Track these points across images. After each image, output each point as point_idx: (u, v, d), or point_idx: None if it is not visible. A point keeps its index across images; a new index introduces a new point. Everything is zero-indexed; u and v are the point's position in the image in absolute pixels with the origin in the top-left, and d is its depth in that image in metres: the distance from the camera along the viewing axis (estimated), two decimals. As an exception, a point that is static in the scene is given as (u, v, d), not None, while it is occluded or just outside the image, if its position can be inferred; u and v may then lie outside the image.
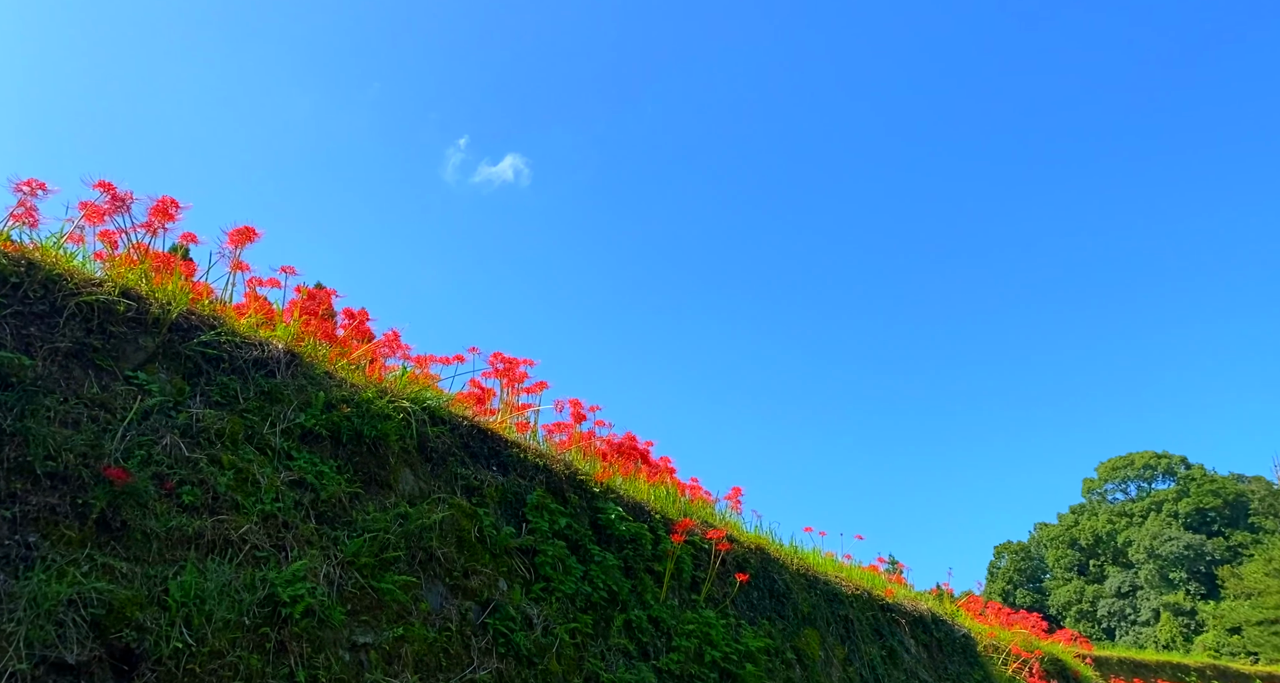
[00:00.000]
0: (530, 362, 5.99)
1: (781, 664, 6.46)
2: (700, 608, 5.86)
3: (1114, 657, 28.89)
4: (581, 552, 4.94)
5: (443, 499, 4.05)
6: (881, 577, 10.25)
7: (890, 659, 8.29)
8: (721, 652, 5.67)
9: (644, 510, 5.96)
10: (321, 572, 3.07)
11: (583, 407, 6.66)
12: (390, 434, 3.94)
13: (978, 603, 14.24)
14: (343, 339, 4.94)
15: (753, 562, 6.88)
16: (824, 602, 7.80)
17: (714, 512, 7.79)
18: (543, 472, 5.12)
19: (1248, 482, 70.88)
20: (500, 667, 3.57)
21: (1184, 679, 27.36)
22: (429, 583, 3.57)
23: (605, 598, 4.84)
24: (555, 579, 4.49)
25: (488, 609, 3.79)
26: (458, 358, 5.59)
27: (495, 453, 4.86)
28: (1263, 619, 54.18)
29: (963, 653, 9.84)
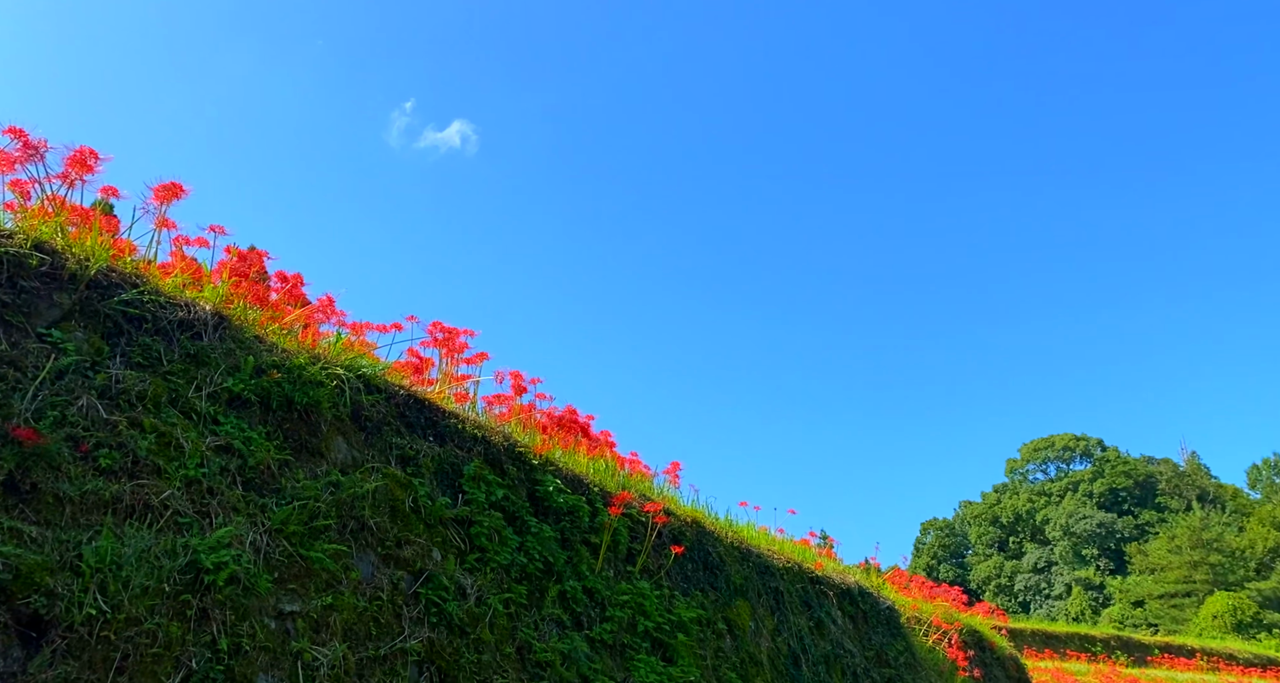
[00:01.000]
0: (471, 332, 5.91)
1: (713, 634, 6.59)
2: (635, 579, 5.92)
3: (1028, 629, 30.36)
4: (518, 523, 4.94)
5: (376, 469, 3.98)
6: (812, 551, 10.51)
7: (817, 630, 8.53)
8: (654, 622, 5.75)
9: (583, 483, 5.97)
10: (248, 539, 2.99)
11: (524, 379, 6.61)
12: (323, 402, 3.85)
13: (903, 577, 14.75)
14: (275, 303, 4.78)
15: (688, 535, 6.97)
16: (756, 574, 7.96)
17: (652, 486, 7.85)
18: (481, 443, 5.08)
19: (1157, 464, 74.82)
20: (432, 636, 3.55)
21: (1090, 650, 28.92)
22: (360, 552, 3.52)
23: (541, 569, 4.85)
24: (490, 550, 4.47)
25: (420, 579, 3.76)
26: (395, 326, 5.48)
27: (432, 423, 4.79)
28: (1163, 593, 57.55)
29: (887, 625, 10.18)
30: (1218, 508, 67.70)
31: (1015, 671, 14.15)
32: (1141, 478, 72.53)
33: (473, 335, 5.90)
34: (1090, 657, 27.49)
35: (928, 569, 71.66)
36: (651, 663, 5.40)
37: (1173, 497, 70.92)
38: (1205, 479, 73.37)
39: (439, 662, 3.53)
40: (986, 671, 12.72)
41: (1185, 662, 28.96)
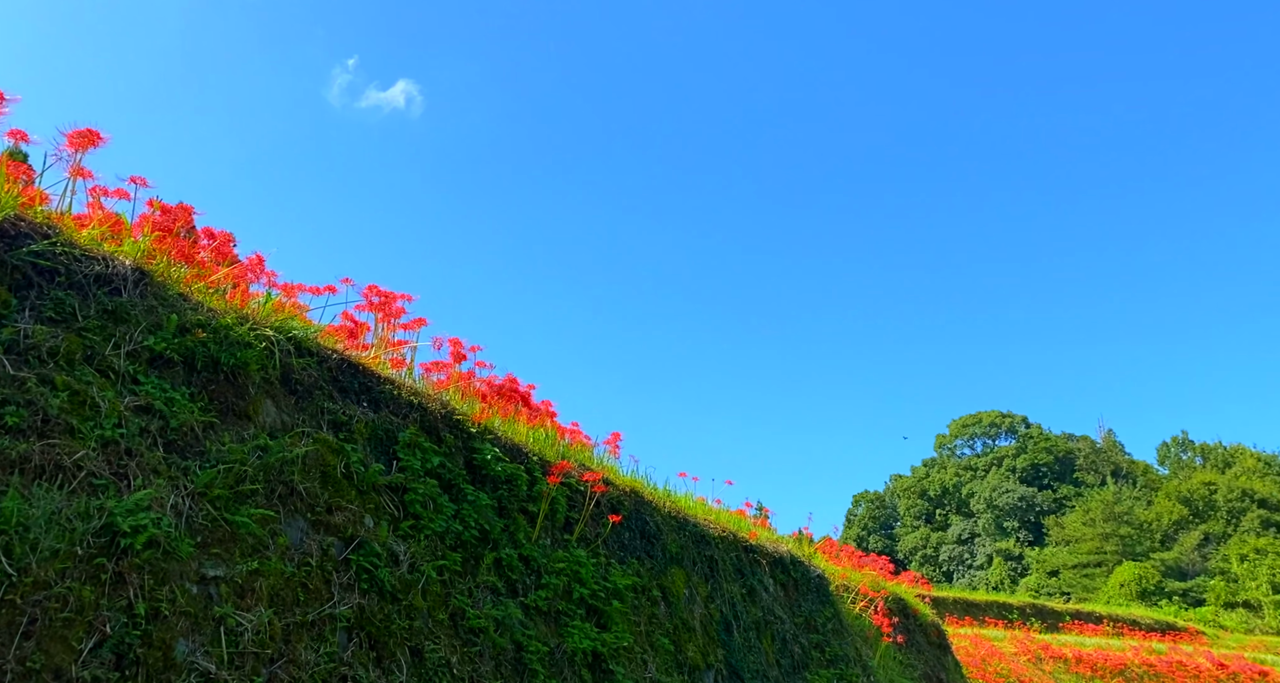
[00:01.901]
0: (408, 297, 5.78)
1: (647, 601, 6.67)
2: (572, 548, 5.94)
3: (950, 597, 31.64)
4: (454, 491, 4.89)
5: (307, 433, 3.88)
6: (748, 520, 10.70)
7: (750, 597, 8.72)
8: (590, 589, 5.79)
9: (522, 452, 5.94)
10: (169, 502, 2.89)
11: (463, 346, 6.51)
12: (251, 363, 3.72)
13: (834, 547, 15.16)
14: (202, 261, 4.59)
15: (626, 504, 7.01)
16: (692, 543, 8.07)
17: (592, 456, 7.85)
18: (417, 410, 5.00)
19: (1076, 441, 78.28)
20: (363, 602, 3.50)
21: (1008, 617, 30.32)
22: (289, 518, 3.43)
23: (476, 537, 4.82)
24: (425, 517, 4.42)
25: (352, 545, 3.69)
26: (329, 288, 5.32)
27: (367, 389, 4.69)
28: (1077, 563, 60.59)
29: (817, 592, 10.47)
30: (1129, 483, 71.33)
31: (936, 636, 14.74)
32: (1062, 454, 75.84)
33: (410, 300, 5.77)
34: (1007, 624, 28.82)
35: (858, 540, 73.87)
36: (585, 629, 5.45)
37: (1089, 472, 74.41)
38: (1120, 456, 77.13)
39: (369, 628, 3.48)
40: (909, 636, 13.22)
41: (1094, 628, 30.61)
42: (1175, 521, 60.96)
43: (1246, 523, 57.82)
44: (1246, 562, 51.97)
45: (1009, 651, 23.28)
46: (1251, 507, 58.94)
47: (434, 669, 3.74)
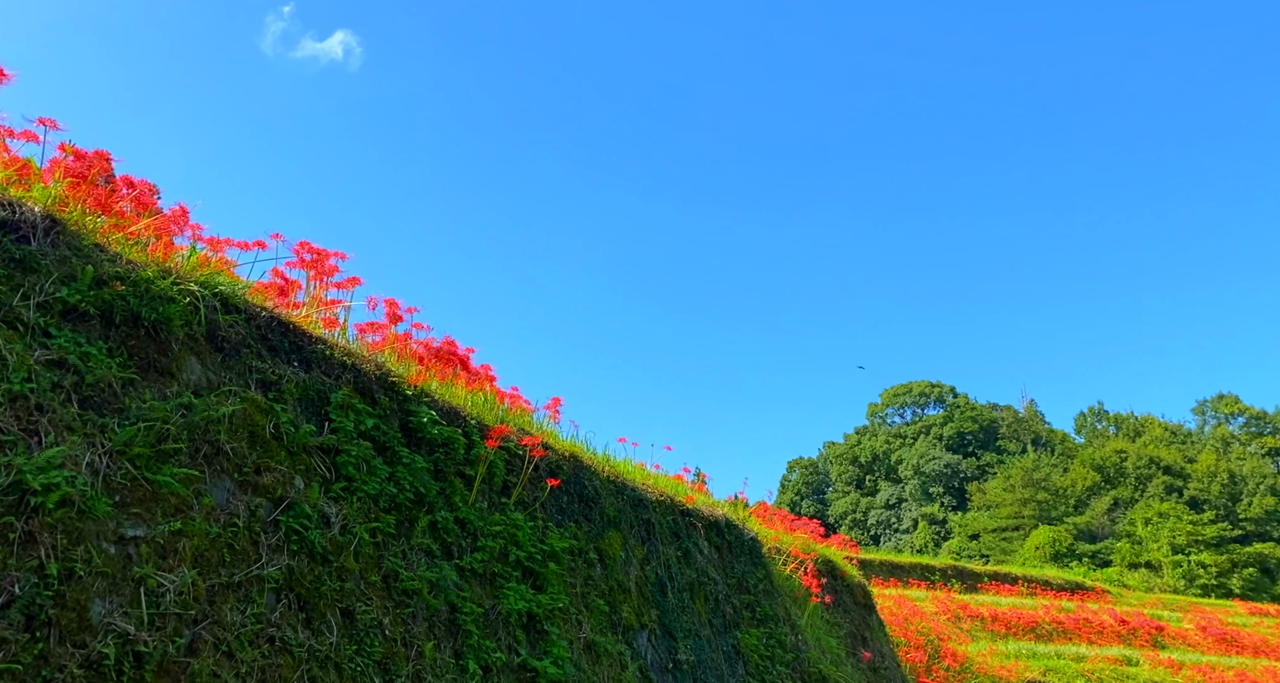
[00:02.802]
0: (341, 255, 5.61)
1: (584, 564, 6.73)
2: (509, 511, 5.94)
3: (877, 559, 32.82)
4: (389, 454, 4.82)
5: (234, 392, 3.76)
6: (685, 485, 10.85)
7: (684, 559, 8.88)
8: (526, 552, 5.81)
9: (459, 416, 5.88)
10: (84, 460, 2.77)
11: (399, 307, 6.37)
12: (174, 319, 3.57)
13: (767, 511, 15.51)
14: (120, 211, 4.36)
15: (565, 468, 7.03)
16: (629, 507, 8.15)
17: (532, 420, 7.83)
18: (350, 371, 4.89)
19: (1000, 410, 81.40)
20: (292, 564, 3.44)
21: (930, 578, 31.63)
22: (214, 478, 3.34)
23: (411, 499, 4.78)
24: (358, 480, 4.35)
25: (281, 506, 3.61)
26: (258, 244, 5.13)
27: (298, 348, 4.56)
28: (996, 527, 63.44)
29: (749, 554, 10.72)
30: (1048, 451, 74.71)
31: (862, 596, 15.29)
32: (986, 423, 78.79)
33: (344, 258, 5.61)
34: (929, 585, 30.06)
35: (791, 505, 75.82)
36: (521, 591, 5.48)
37: (1012, 440, 77.59)
38: (1040, 425, 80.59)
39: (298, 589, 3.43)
40: (836, 596, 13.68)
41: (1009, 588, 32.18)
42: (1088, 487, 64.21)
43: (1152, 489, 61.28)
44: (1150, 525, 55.22)
45: (930, 610, 24.33)
46: (1157, 473, 62.44)
47: (365, 631, 3.71)
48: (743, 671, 9.00)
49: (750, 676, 9.07)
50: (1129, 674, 22.00)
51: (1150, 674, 22.26)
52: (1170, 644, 26.54)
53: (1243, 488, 60.26)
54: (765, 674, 9.29)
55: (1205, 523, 53.87)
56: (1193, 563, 51.45)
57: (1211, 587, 49.28)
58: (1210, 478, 60.27)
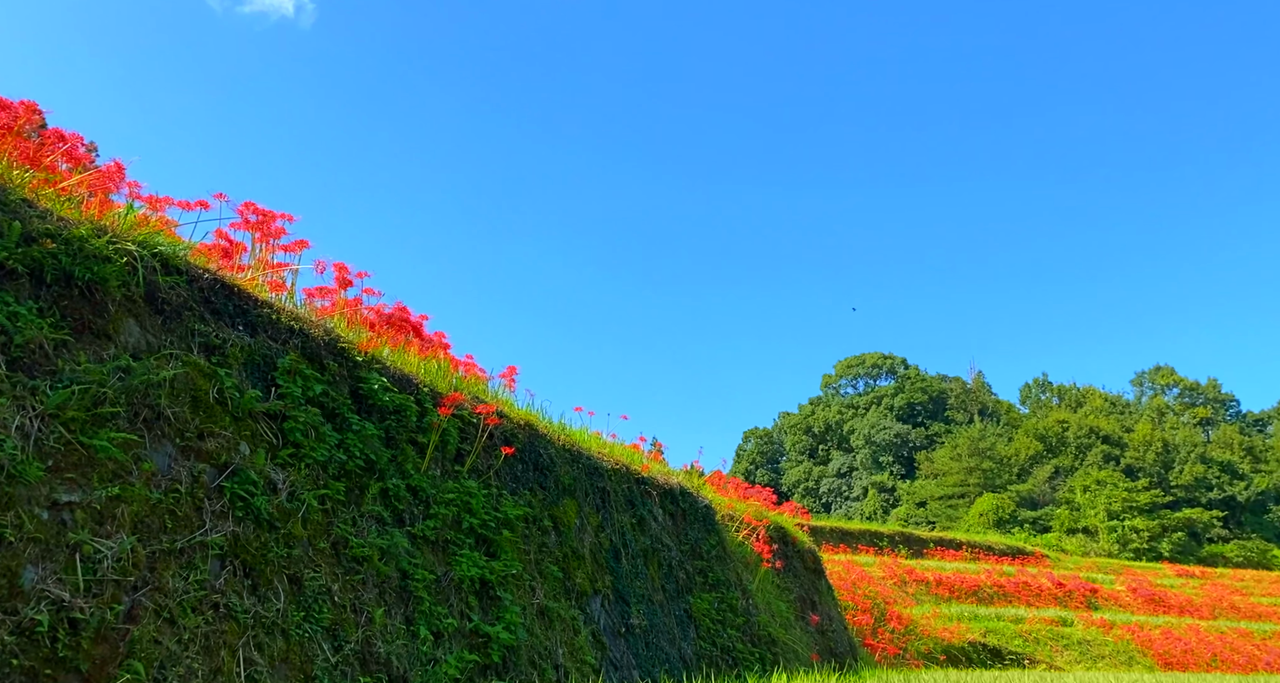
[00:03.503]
0: (288, 216, 5.45)
1: (538, 531, 6.75)
2: (463, 479, 5.91)
3: (827, 526, 33.59)
4: (338, 420, 4.75)
5: (176, 356, 3.65)
6: (641, 454, 10.92)
7: (639, 526, 8.97)
8: (480, 519, 5.80)
9: (412, 383, 5.81)
10: (13, 424, 2.67)
11: (349, 271, 6.23)
12: (110, 279, 3.44)
13: (722, 479, 15.72)
14: (52, 166, 4.17)
15: (520, 437, 7.01)
16: (585, 475, 8.18)
17: (487, 389, 7.77)
18: (298, 336, 4.78)
19: (949, 381, 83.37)
20: (237, 530, 3.38)
21: (878, 544, 32.50)
22: (155, 443, 3.25)
23: (361, 466, 4.72)
24: (306, 446, 4.28)
25: (225, 472, 3.54)
26: (200, 204, 4.95)
27: (243, 312, 4.44)
28: (943, 495, 65.31)
29: (703, 521, 10.87)
30: (994, 421, 76.87)
31: (812, 562, 15.65)
32: (935, 394, 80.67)
33: (291, 221, 5.45)
34: (878, 551, 30.91)
35: (746, 474, 76.98)
36: (474, 558, 5.48)
37: (959, 411, 79.62)
38: (987, 396, 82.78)
39: (244, 556, 3.38)
40: (787, 562, 13.98)
41: (954, 553, 33.25)
42: (1031, 456, 66.33)
43: (1091, 457, 63.58)
44: (1088, 492, 57.40)
45: (878, 575, 25.04)
46: (1096, 443, 64.76)
47: (314, 597, 3.68)
48: (694, 634, 9.17)
49: (702, 639, 9.24)
50: (1063, 635, 22.98)
51: (1083, 634, 23.29)
52: (1103, 606, 27.77)
53: (1175, 456, 62.88)
54: (716, 638, 9.48)
55: (1139, 490, 56.17)
56: (1126, 528, 53.71)
57: (1143, 550, 51.58)
58: (1145, 447, 62.75)
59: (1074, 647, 22.36)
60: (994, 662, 19.98)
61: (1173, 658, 22.19)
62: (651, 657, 7.88)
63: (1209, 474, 61.34)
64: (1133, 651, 22.62)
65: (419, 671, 4.19)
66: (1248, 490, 61.36)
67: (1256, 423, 78.30)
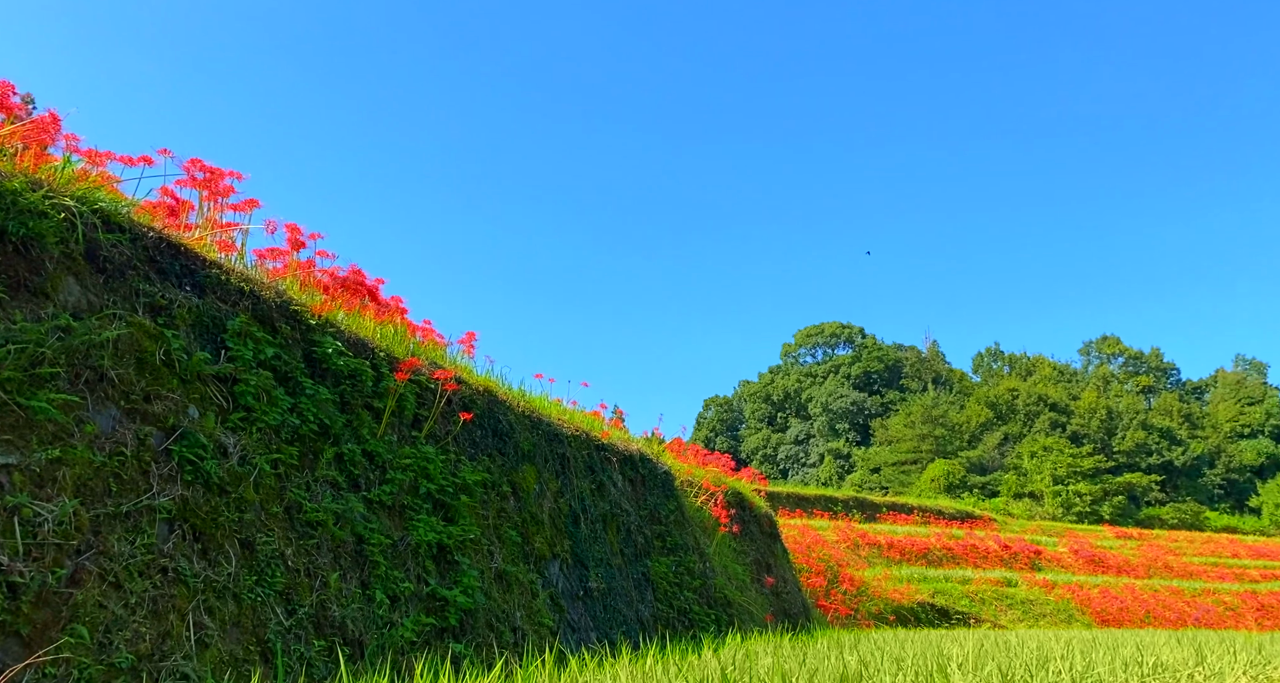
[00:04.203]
0: (237, 174, 5.28)
1: (497, 496, 6.75)
2: (420, 444, 5.87)
3: (784, 492, 34.21)
4: (291, 384, 4.66)
5: (119, 316, 3.54)
6: (601, 421, 10.95)
7: (599, 492, 9.02)
8: (438, 484, 5.78)
9: (367, 347, 5.72)
10: (-56, 385, 2.56)
11: (301, 233, 6.08)
12: (47, 235, 3.30)
13: (681, 446, 15.85)
14: (-21, 117, 3.96)
15: (479, 403, 6.97)
16: (544, 441, 8.18)
17: (445, 355, 7.69)
18: (249, 298, 4.66)
19: (905, 350, 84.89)
20: (186, 494, 3.31)
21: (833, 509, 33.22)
22: (98, 405, 3.15)
23: (316, 431, 4.65)
24: (258, 410, 4.20)
25: (173, 436, 3.45)
26: (144, 160, 4.76)
27: (190, 272, 4.31)
28: (896, 461, 66.86)
29: (662, 487, 10.98)
30: (947, 389, 78.64)
31: (768, 526, 15.94)
32: (891, 363, 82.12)
33: (240, 179, 5.28)
34: (832, 515, 31.58)
35: (706, 441, 77.84)
36: (431, 523, 5.46)
37: (914, 379, 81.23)
38: (941, 365, 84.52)
39: (193, 520, 3.31)
40: (744, 526, 14.22)
41: (905, 517, 34.14)
42: (982, 423, 68.10)
43: (1039, 424, 65.52)
44: (1035, 458, 59.23)
45: (831, 539, 25.62)
46: (1044, 410, 66.70)
47: (267, 561, 3.63)
48: (652, 596, 9.30)
49: (659, 601, 9.39)
50: (1008, 594, 23.84)
51: (1027, 594, 24.18)
52: (1046, 566, 28.82)
53: (1118, 423, 65.12)
54: (673, 600, 9.64)
55: (1084, 456, 58.12)
56: (1070, 492, 55.65)
57: (1085, 514, 53.55)
58: (1090, 414, 64.83)
59: (1017, 606, 23.23)
60: (941, 621, 20.68)
61: (1109, 615, 23.20)
62: (609, 619, 7.98)
63: (1149, 440, 63.68)
64: (1072, 609, 23.58)
65: (375, 634, 4.19)
66: (1184, 456, 63.91)
67: (1195, 391, 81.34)
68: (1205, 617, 23.93)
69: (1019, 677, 4.59)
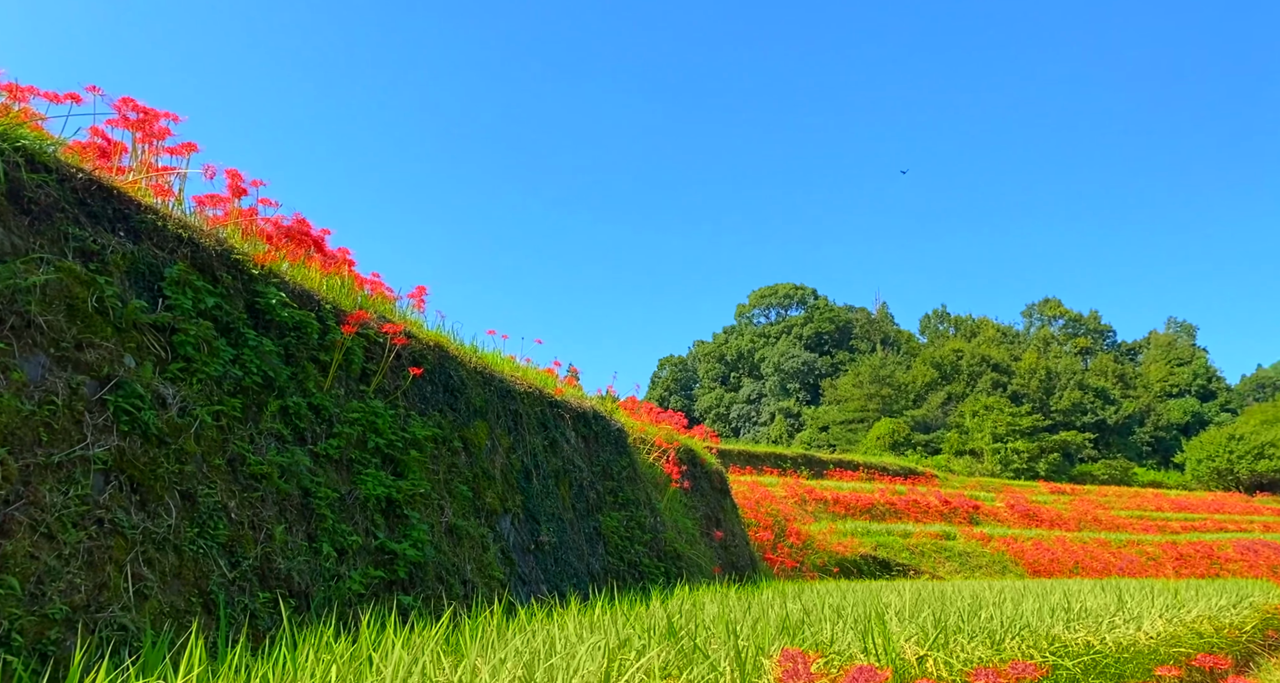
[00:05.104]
0: (173, 116, 5.05)
1: (448, 452, 6.73)
2: (369, 399, 5.80)
3: (735, 449, 34.79)
4: (233, 335, 4.54)
5: (47, 260, 3.38)
6: (554, 378, 10.93)
7: (551, 448, 9.05)
8: (386, 439, 5.73)
9: (313, 299, 5.59)
10: None
11: (243, 179, 5.86)
12: (-36, 174, 3.13)
13: (635, 404, 15.97)
14: (-114, 46, 3.70)
15: (430, 358, 6.89)
16: (497, 397, 8.15)
17: (395, 309, 7.57)
18: (187, 245, 4.50)
19: (855, 312, 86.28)
20: (122, 445, 3.22)
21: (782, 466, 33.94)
22: (25, 352, 3.03)
23: (259, 383, 4.55)
24: (198, 361, 4.09)
25: (108, 385, 3.35)
26: (71, 97, 4.51)
27: (124, 217, 4.13)
28: (844, 420, 68.38)
29: (615, 444, 11.06)
30: (895, 350, 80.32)
31: (719, 482, 16.23)
32: (842, 324, 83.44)
33: (176, 120, 5.05)
34: (781, 472, 32.27)
35: (660, 400, 78.47)
36: (380, 477, 5.43)
37: (863, 340, 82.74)
38: (889, 326, 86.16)
39: (131, 471, 3.23)
40: (695, 482, 14.45)
41: (851, 474, 35.06)
42: (927, 382, 69.84)
43: (981, 385, 67.45)
44: (976, 417, 61.11)
45: (780, 494, 26.22)
46: (987, 370, 68.64)
47: (209, 513, 3.57)
48: (603, 550, 9.44)
49: (610, 555, 9.53)
50: (946, 547, 24.77)
51: (964, 547, 25.15)
52: (984, 521, 29.96)
53: (1056, 383, 67.40)
54: (624, 553, 9.79)
55: (1023, 415, 60.15)
56: (1009, 450, 57.69)
57: (1022, 470, 55.65)
58: (1030, 374, 66.93)
59: (955, 558, 24.16)
60: (883, 573, 21.43)
61: (1040, 566, 24.30)
62: (560, 572, 8.08)
63: (1085, 400, 66.12)
64: (1007, 560, 24.63)
65: (322, 586, 4.17)
66: (1117, 415, 66.59)
67: (1129, 352, 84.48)
68: (1129, 567, 25.23)
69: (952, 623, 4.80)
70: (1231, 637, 7.21)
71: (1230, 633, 7.20)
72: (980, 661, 4.21)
